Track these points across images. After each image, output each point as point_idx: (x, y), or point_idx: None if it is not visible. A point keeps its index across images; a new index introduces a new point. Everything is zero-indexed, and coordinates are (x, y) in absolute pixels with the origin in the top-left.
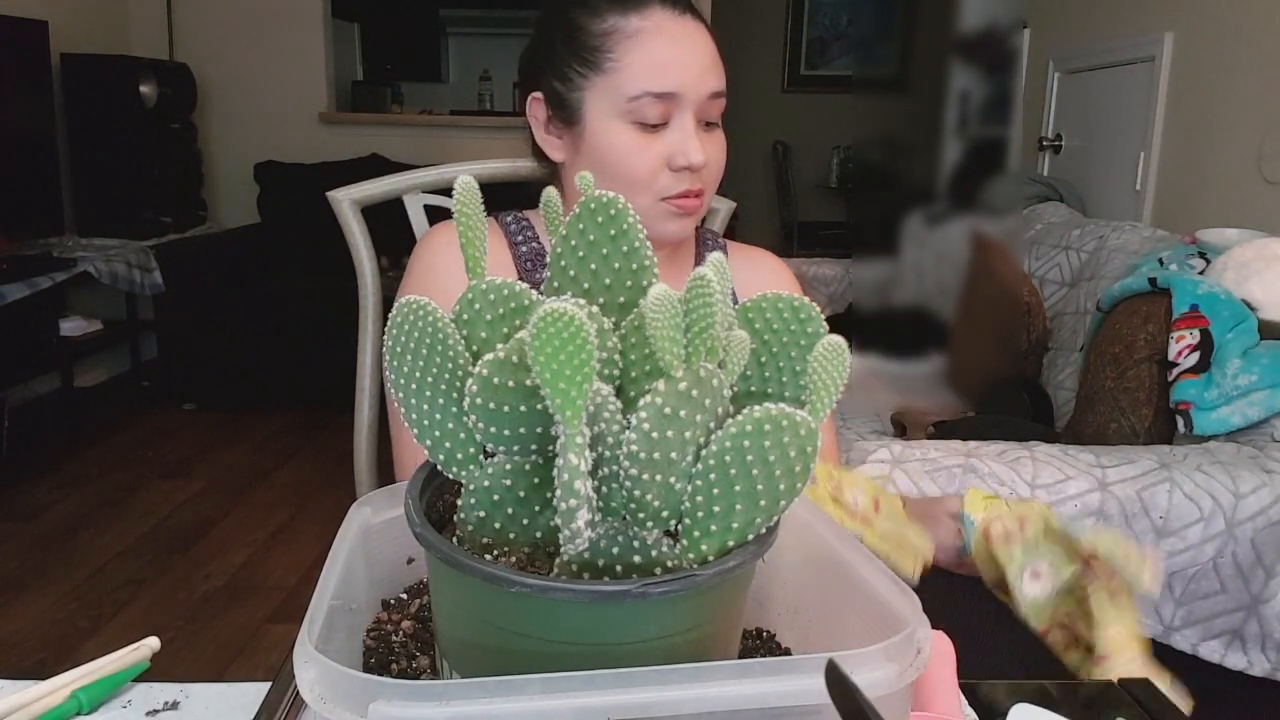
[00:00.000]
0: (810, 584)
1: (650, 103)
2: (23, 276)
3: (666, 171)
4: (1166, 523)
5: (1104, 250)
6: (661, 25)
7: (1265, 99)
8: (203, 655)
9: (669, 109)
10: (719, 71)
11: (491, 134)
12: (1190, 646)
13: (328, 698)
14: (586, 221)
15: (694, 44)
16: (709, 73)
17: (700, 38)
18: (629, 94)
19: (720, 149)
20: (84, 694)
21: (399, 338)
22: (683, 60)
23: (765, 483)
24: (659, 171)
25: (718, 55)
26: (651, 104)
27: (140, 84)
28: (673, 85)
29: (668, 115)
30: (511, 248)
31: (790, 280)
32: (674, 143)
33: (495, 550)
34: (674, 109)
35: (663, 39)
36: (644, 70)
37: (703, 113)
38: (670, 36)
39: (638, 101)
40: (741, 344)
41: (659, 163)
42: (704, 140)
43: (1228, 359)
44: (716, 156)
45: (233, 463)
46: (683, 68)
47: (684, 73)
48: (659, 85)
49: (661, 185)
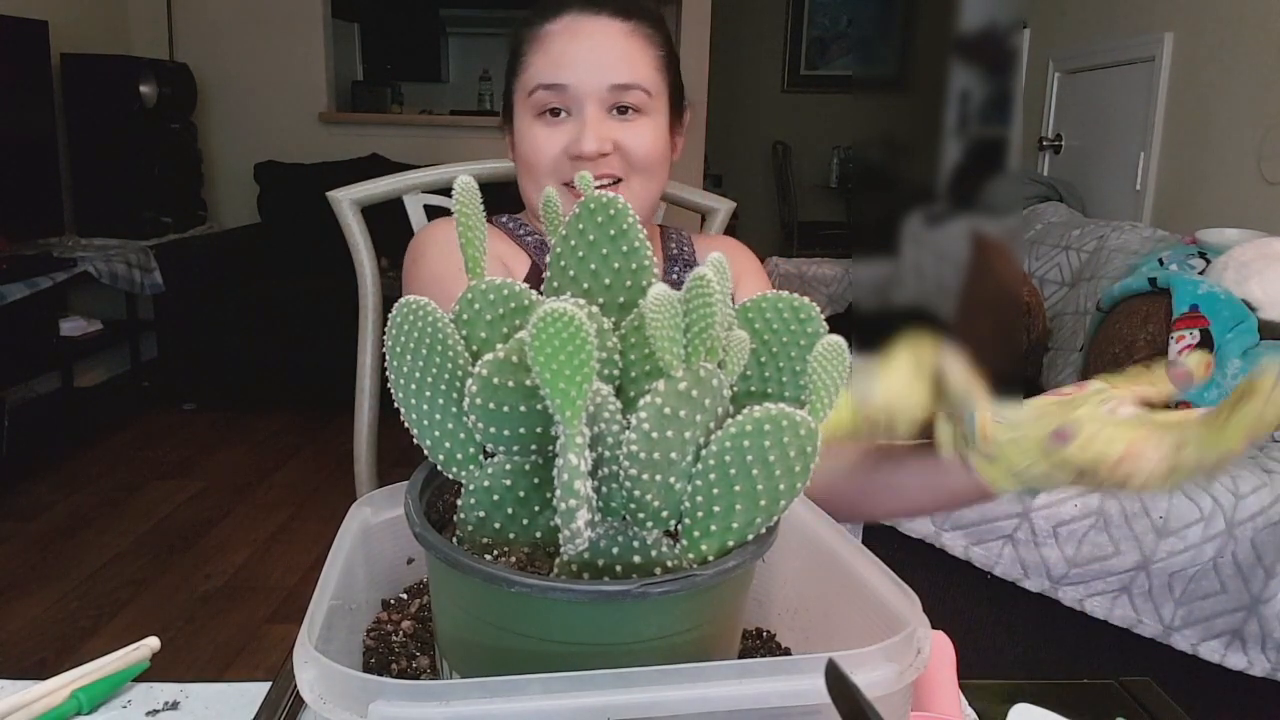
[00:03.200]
0: (810, 584)
1: (545, 94)
2: (23, 276)
3: (568, 161)
4: (1166, 523)
5: (1104, 250)
6: (569, 26)
7: (1265, 99)
8: (203, 655)
9: (566, 100)
10: (630, 63)
11: (491, 134)
12: (1190, 646)
13: (328, 698)
14: (586, 221)
15: (597, 39)
16: (613, 65)
17: (610, 33)
18: (529, 89)
19: (641, 137)
20: (84, 694)
21: (399, 338)
22: (577, 55)
23: (765, 483)
24: (561, 160)
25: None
26: (547, 95)
27: (140, 84)
28: (562, 78)
29: (568, 106)
30: (516, 240)
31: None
32: (571, 133)
33: (495, 550)
34: (571, 100)
35: (564, 37)
36: (541, 66)
37: (609, 102)
38: (572, 34)
39: (535, 94)
40: (741, 344)
41: (559, 152)
42: (615, 129)
43: (1228, 359)
44: (636, 144)
45: (233, 463)
46: (575, 62)
47: (575, 66)
48: (549, 78)
49: (566, 174)
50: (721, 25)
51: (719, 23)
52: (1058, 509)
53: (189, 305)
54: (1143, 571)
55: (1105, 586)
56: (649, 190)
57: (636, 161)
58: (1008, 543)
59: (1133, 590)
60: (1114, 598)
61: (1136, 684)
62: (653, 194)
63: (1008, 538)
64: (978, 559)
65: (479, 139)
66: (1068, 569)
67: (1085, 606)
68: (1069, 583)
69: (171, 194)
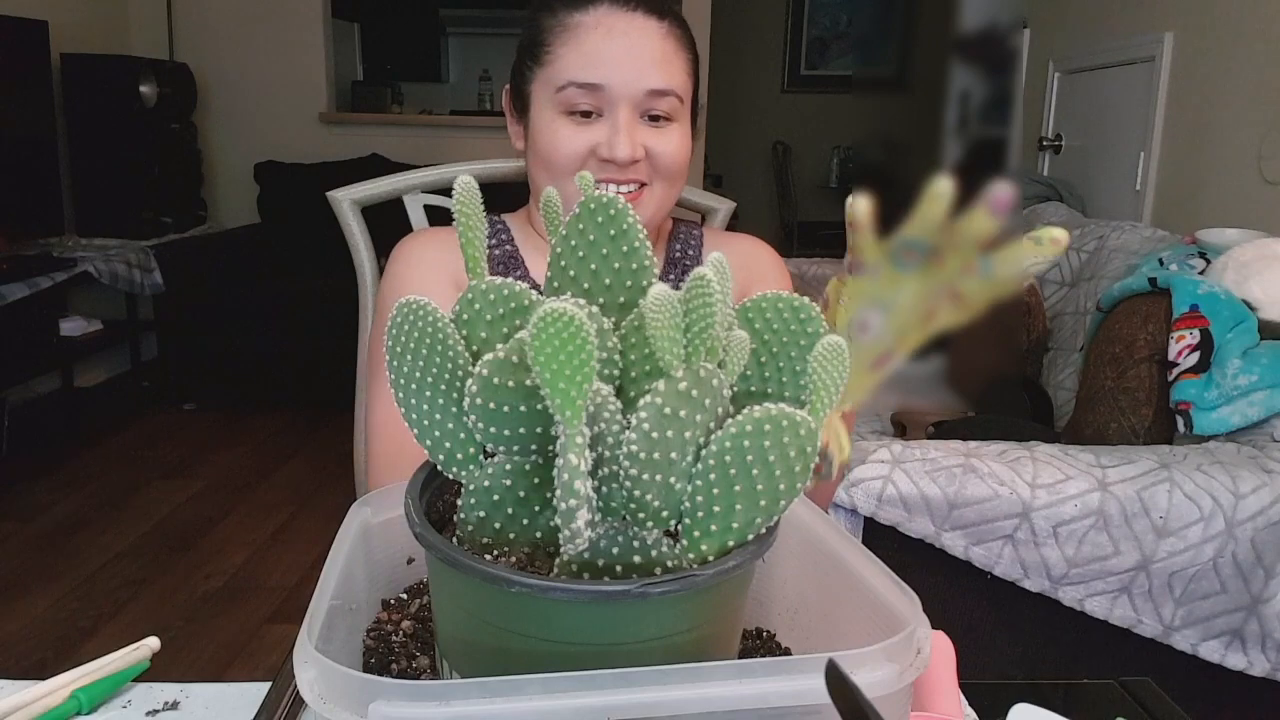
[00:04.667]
0: (810, 584)
1: (577, 93)
2: (23, 276)
3: (595, 162)
4: (1166, 523)
5: (1104, 250)
6: (602, 20)
7: (1265, 99)
8: (203, 655)
9: (599, 101)
10: (666, 69)
11: (491, 134)
12: (1190, 646)
13: (328, 698)
14: (586, 221)
15: (633, 39)
16: (649, 69)
17: (647, 34)
18: (557, 84)
19: (671, 144)
20: (84, 694)
21: (399, 338)
22: (614, 54)
23: (765, 483)
24: (585, 161)
25: (673, 53)
26: (578, 94)
27: (140, 84)
28: (598, 77)
29: (599, 107)
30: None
31: (772, 258)
32: (602, 134)
33: (495, 550)
34: (604, 102)
35: (599, 33)
36: (573, 62)
37: (643, 108)
38: (607, 31)
39: (565, 91)
40: (741, 344)
41: (585, 152)
42: (648, 135)
43: (1228, 359)
44: (665, 151)
45: (233, 463)
46: (612, 61)
47: (613, 66)
48: (584, 76)
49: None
50: (721, 25)
51: (719, 23)
52: (1058, 509)
53: (189, 305)
54: (1143, 571)
55: (1105, 586)
56: (670, 195)
57: (664, 169)
58: (1008, 543)
59: (1133, 590)
60: (1114, 598)
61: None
62: (672, 199)
63: (1008, 538)
64: (978, 559)
65: (479, 139)
66: (1068, 569)
67: (1085, 606)
68: (1069, 583)
69: (171, 194)
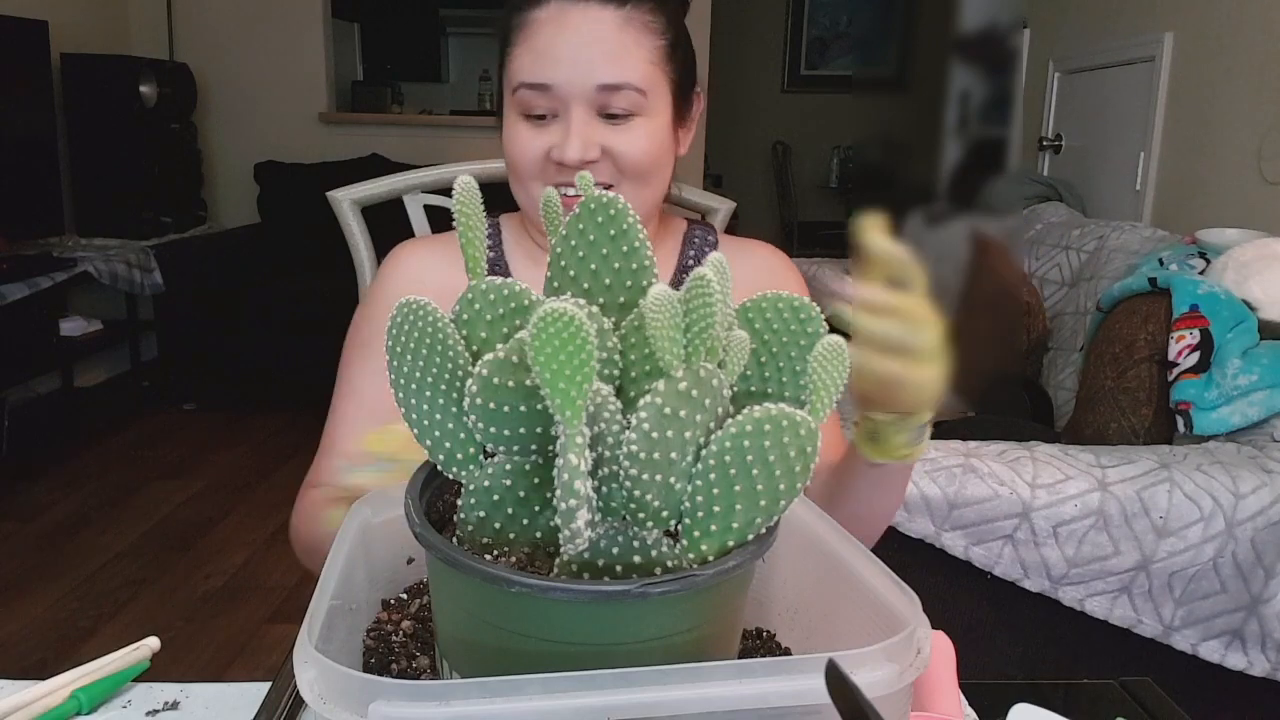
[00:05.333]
0: (810, 584)
1: (529, 94)
2: (23, 276)
3: (551, 166)
4: (1166, 523)
5: (1104, 250)
6: (554, 15)
7: (1265, 99)
8: (203, 655)
9: (551, 102)
10: (621, 61)
11: (491, 134)
12: (1190, 646)
13: (328, 698)
14: (586, 221)
15: (583, 33)
16: (599, 63)
17: (600, 25)
18: (513, 85)
19: (634, 143)
20: (84, 694)
21: (399, 338)
22: (562, 51)
23: (765, 483)
24: (543, 164)
25: (632, 43)
26: (530, 96)
27: (140, 84)
28: (545, 77)
29: (554, 108)
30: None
31: (787, 267)
32: (555, 135)
33: (495, 550)
34: (557, 102)
35: (549, 29)
36: (525, 62)
37: (598, 105)
38: (558, 27)
39: (519, 93)
40: (741, 344)
41: (541, 155)
42: (607, 134)
43: (1228, 359)
44: (628, 150)
45: (233, 463)
46: (559, 59)
47: (559, 65)
48: (532, 76)
49: (551, 177)
50: (721, 25)
51: (719, 23)
52: (1058, 509)
53: (189, 305)
54: (1143, 571)
55: (1105, 586)
56: (643, 196)
57: (629, 168)
58: (1008, 543)
59: (1133, 590)
60: (1114, 598)
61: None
62: (648, 199)
63: (1008, 538)
64: (978, 559)
65: (479, 139)
66: (1068, 569)
67: (1085, 606)
68: (1069, 583)
69: (171, 194)
